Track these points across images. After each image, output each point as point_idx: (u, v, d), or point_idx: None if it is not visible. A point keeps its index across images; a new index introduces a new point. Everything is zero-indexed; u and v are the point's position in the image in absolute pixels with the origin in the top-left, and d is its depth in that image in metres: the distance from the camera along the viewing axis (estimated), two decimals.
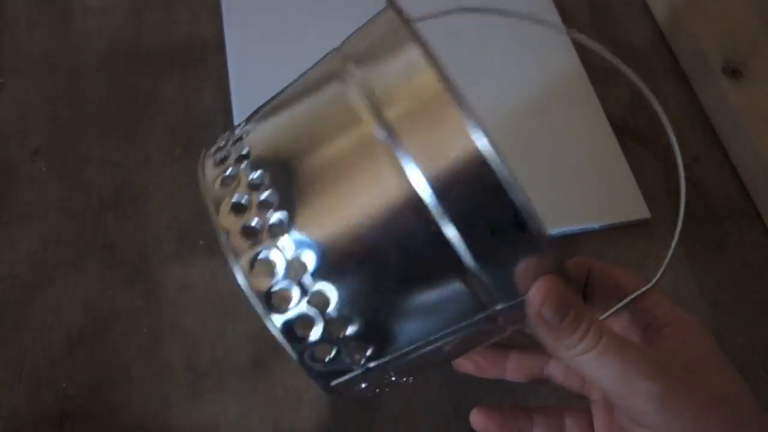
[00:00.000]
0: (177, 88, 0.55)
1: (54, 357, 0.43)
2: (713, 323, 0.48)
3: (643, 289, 0.29)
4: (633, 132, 0.56)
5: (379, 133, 0.25)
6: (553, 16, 0.61)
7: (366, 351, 0.27)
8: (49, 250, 0.47)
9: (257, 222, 0.26)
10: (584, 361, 0.26)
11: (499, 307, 0.26)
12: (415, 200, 0.24)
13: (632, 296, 0.29)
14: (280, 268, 0.25)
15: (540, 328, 0.27)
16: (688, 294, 0.49)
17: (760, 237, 0.52)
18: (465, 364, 0.35)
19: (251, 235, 0.26)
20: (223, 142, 0.30)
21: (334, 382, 0.27)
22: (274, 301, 0.26)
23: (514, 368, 0.35)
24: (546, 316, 0.26)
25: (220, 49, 0.57)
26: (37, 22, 0.58)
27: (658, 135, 0.56)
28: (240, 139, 0.29)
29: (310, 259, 0.25)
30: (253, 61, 0.56)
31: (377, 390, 0.30)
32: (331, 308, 0.25)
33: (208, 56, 0.57)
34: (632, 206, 0.51)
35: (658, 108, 0.29)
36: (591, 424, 0.33)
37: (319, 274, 0.25)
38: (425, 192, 0.24)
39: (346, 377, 0.27)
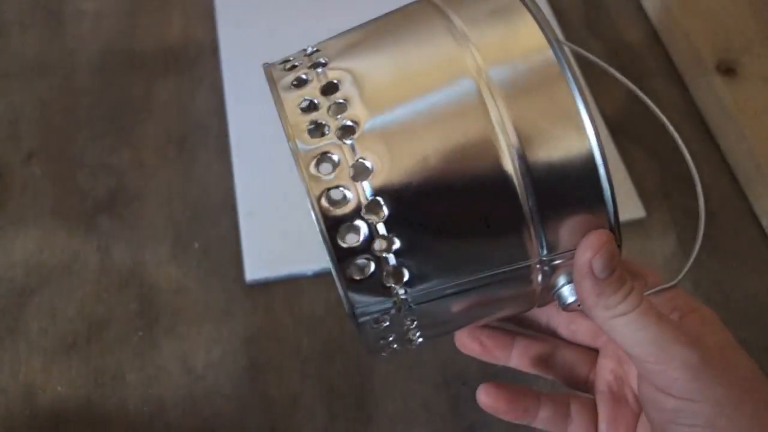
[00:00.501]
0: (171, 90, 0.55)
1: (49, 361, 0.43)
2: None
3: (674, 282, 0.30)
4: (628, 131, 0.56)
5: (482, 87, 0.25)
6: (548, 16, 0.61)
7: (402, 278, 0.26)
8: (43, 254, 0.47)
9: (329, 120, 0.26)
10: (621, 323, 0.27)
11: (543, 257, 0.27)
12: (497, 154, 0.25)
13: (664, 287, 0.30)
14: (344, 167, 0.25)
15: (585, 282, 0.26)
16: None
17: (755, 234, 0.52)
18: (471, 345, 0.34)
19: (321, 130, 0.26)
20: (294, 64, 0.29)
21: (361, 310, 0.27)
22: (331, 199, 0.25)
23: (520, 354, 0.34)
24: (596, 268, 0.26)
25: (214, 51, 0.57)
26: (30, 26, 0.58)
27: (653, 134, 0.56)
28: (321, 64, 0.28)
29: (375, 164, 0.25)
30: (247, 64, 0.56)
31: (391, 339, 0.29)
32: (382, 224, 0.25)
33: (202, 59, 0.57)
34: (627, 205, 0.51)
35: (664, 120, 0.29)
36: (595, 413, 0.33)
37: (379, 185, 0.25)
38: (512, 152, 0.25)
39: (376, 308, 0.27)
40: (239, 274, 0.46)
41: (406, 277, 0.26)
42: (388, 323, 0.28)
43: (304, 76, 0.27)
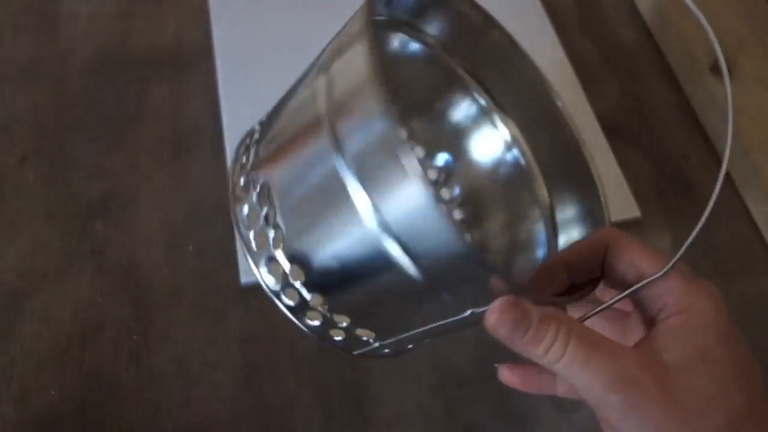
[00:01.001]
0: (165, 93, 0.55)
1: (43, 364, 0.43)
2: None
3: (660, 273, 0.29)
4: (622, 131, 0.56)
5: (350, 182, 0.27)
6: (542, 18, 0.61)
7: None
8: (37, 258, 0.47)
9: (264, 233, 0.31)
10: (555, 368, 0.27)
11: (468, 312, 0.28)
12: (375, 231, 0.27)
13: (623, 295, 0.29)
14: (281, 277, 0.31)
15: (505, 343, 0.27)
16: None
17: (750, 235, 0.52)
18: (511, 379, 0.35)
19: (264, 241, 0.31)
20: (244, 159, 0.34)
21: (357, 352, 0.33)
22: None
23: (569, 388, 0.34)
24: (502, 336, 0.27)
25: (208, 54, 0.57)
26: (23, 29, 0.58)
27: (647, 134, 0.56)
28: (255, 166, 0.32)
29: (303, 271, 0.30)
30: (241, 66, 0.56)
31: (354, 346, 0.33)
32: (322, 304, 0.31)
33: (196, 61, 0.57)
34: (622, 205, 0.51)
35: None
36: None
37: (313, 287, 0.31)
38: (395, 240, 0.27)
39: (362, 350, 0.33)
40: (234, 277, 0.46)
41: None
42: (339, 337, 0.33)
43: (244, 180, 0.33)
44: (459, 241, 0.25)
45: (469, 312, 0.28)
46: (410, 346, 0.34)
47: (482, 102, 0.40)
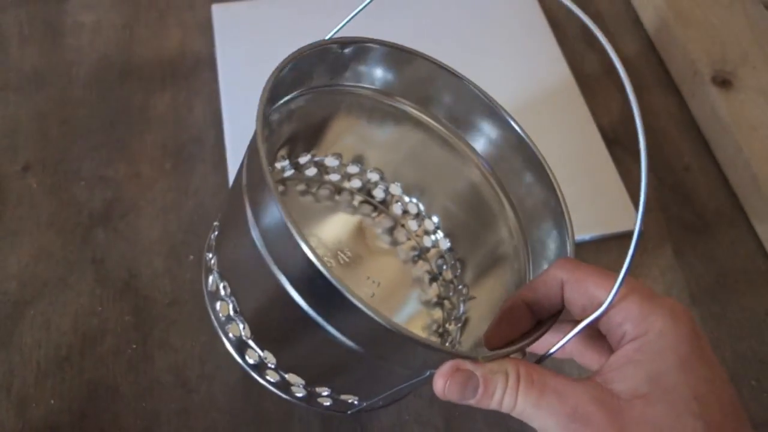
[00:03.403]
0: (168, 102, 0.55)
1: (42, 373, 0.43)
2: (704, 332, 0.47)
3: (588, 321, 0.28)
4: (623, 142, 0.56)
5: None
6: (545, 30, 0.61)
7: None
8: (39, 266, 0.47)
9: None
10: (514, 415, 0.28)
11: (428, 373, 0.30)
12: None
13: (571, 336, 0.28)
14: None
15: (459, 403, 0.29)
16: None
17: (752, 246, 0.51)
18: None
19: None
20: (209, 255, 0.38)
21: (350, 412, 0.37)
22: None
23: None
24: (454, 400, 0.28)
25: (211, 63, 0.57)
26: (28, 38, 0.58)
27: (649, 145, 0.56)
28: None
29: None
30: (243, 76, 0.56)
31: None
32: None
33: (199, 71, 0.57)
34: (623, 217, 0.51)
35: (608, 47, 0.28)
36: None
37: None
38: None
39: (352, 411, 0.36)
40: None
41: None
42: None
43: (212, 280, 0.37)
44: (381, 323, 0.26)
45: (428, 373, 0.30)
46: (405, 392, 0.37)
47: (444, 134, 0.41)
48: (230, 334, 0.35)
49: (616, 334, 0.29)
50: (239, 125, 0.53)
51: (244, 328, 0.34)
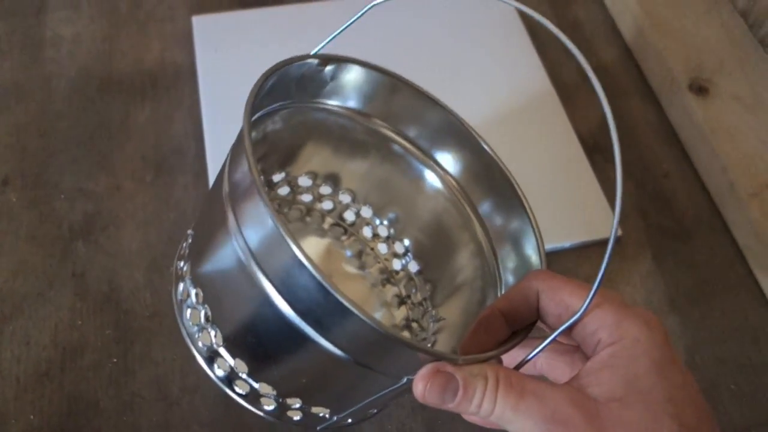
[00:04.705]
0: (148, 115, 0.55)
1: (22, 389, 0.43)
2: (684, 337, 0.48)
3: (565, 326, 0.29)
4: (603, 150, 0.56)
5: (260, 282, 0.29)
6: (524, 38, 0.61)
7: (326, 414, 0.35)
8: (18, 281, 0.47)
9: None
10: (491, 420, 0.28)
11: (405, 380, 0.30)
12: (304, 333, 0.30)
13: (548, 341, 0.29)
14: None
15: (438, 407, 0.29)
16: (658, 308, 0.49)
17: (730, 252, 0.52)
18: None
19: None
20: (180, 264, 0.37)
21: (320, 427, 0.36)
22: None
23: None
24: (433, 404, 0.28)
25: (191, 75, 0.57)
26: (7, 51, 0.58)
27: (627, 152, 0.56)
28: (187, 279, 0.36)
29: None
30: (224, 88, 0.56)
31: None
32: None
33: (179, 83, 0.57)
34: (603, 224, 0.51)
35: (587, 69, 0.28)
36: None
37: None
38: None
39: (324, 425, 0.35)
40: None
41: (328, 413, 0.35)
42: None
43: (182, 288, 0.36)
44: (372, 326, 0.26)
45: (405, 380, 0.30)
46: (373, 411, 0.37)
47: (418, 156, 0.42)
48: (199, 343, 0.34)
49: (591, 341, 0.29)
50: (220, 136, 0.53)
51: (215, 335, 0.33)
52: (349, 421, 0.36)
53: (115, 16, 0.61)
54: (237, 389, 0.34)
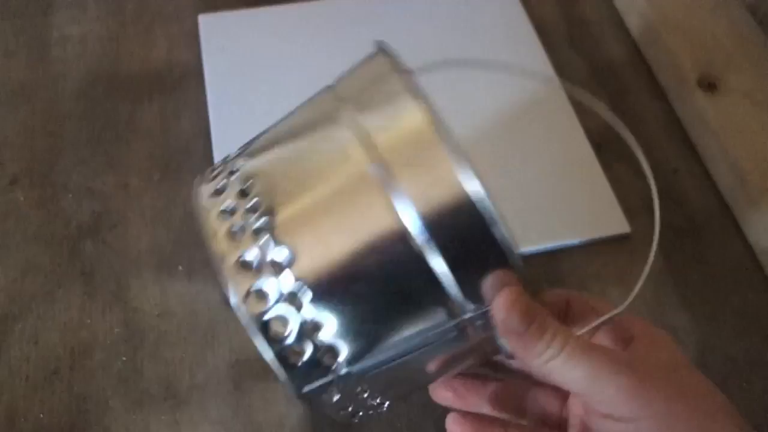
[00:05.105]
0: (155, 113, 0.55)
1: (31, 387, 0.43)
2: (694, 335, 0.48)
3: (619, 309, 0.30)
4: (612, 147, 0.56)
5: (374, 171, 0.27)
6: (531, 35, 0.61)
7: (339, 355, 0.28)
8: (27, 280, 0.47)
9: (246, 223, 0.28)
10: (553, 366, 0.28)
11: (467, 315, 0.28)
12: (402, 230, 0.27)
13: (608, 315, 0.30)
14: (262, 268, 0.27)
15: (509, 338, 0.28)
16: (669, 306, 0.49)
17: (740, 248, 0.52)
18: (444, 394, 0.35)
19: (240, 233, 0.28)
20: (216, 173, 0.31)
21: (306, 388, 0.28)
22: (252, 299, 0.27)
23: (493, 399, 0.35)
24: (512, 325, 0.27)
25: (198, 74, 0.57)
26: (14, 51, 0.58)
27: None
28: (235, 171, 0.30)
29: (292, 256, 0.27)
30: (231, 87, 0.56)
31: (352, 408, 0.31)
32: (307, 310, 0.27)
33: (186, 82, 0.57)
34: (612, 221, 0.51)
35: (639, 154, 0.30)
36: None
37: (297, 274, 0.27)
38: (414, 225, 0.26)
39: (317, 383, 0.28)
40: (223, 297, 0.46)
41: (341, 353, 0.28)
42: (339, 395, 0.29)
43: (222, 185, 0.30)
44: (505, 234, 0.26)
45: (467, 315, 0.28)
46: (366, 395, 0.30)
47: None
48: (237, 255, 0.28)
49: (622, 334, 0.31)
50: (227, 135, 0.53)
51: (284, 264, 0.27)
52: (336, 398, 0.30)
53: (122, 16, 0.61)
54: (293, 348, 0.27)
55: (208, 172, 0.32)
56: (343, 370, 0.28)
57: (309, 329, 0.27)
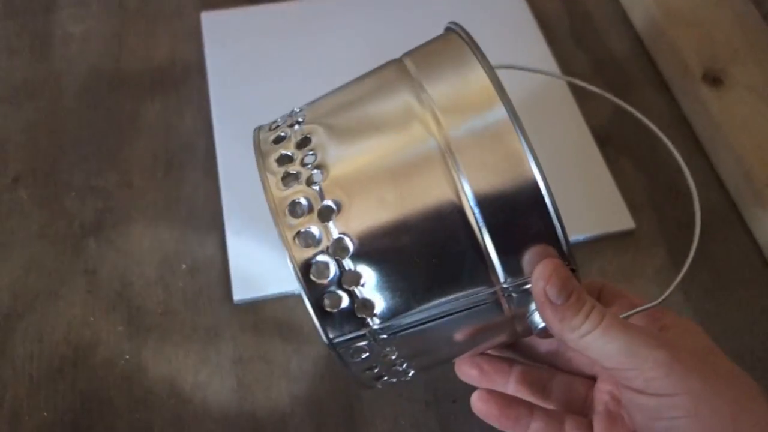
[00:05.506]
0: (158, 111, 0.55)
1: (35, 385, 0.43)
2: None
3: (658, 301, 0.31)
4: (616, 143, 0.55)
5: (436, 136, 0.28)
6: (533, 29, 0.61)
7: (374, 310, 0.28)
8: (30, 278, 0.47)
9: (301, 169, 0.30)
10: (589, 340, 0.28)
11: (505, 285, 0.28)
12: (454, 196, 0.28)
13: (645, 307, 0.31)
14: (313, 214, 0.28)
15: (545, 310, 0.28)
16: (674, 302, 0.48)
17: (745, 243, 0.51)
18: (469, 371, 0.35)
19: (294, 179, 0.30)
20: (277, 124, 0.33)
21: (338, 339, 0.29)
22: (303, 240, 0.28)
23: (517, 380, 0.35)
24: (550, 295, 0.27)
25: (200, 71, 0.57)
26: (17, 49, 0.58)
27: (641, 146, 0.56)
28: (296, 123, 0.32)
29: (341, 206, 0.28)
30: (233, 84, 0.56)
31: (378, 370, 0.31)
32: (349, 261, 0.28)
33: (189, 79, 0.57)
34: (617, 217, 0.51)
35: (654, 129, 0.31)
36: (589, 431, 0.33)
37: (344, 225, 0.28)
38: (468, 192, 0.28)
39: (349, 335, 0.29)
40: (227, 294, 0.46)
41: (376, 308, 0.28)
42: (368, 353, 0.30)
43: (283, 134, 0.31)
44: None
45: (499, 286, 0.28)
46: (393, 357, 0.31)
47: None
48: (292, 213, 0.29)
49: (653, 324, 0.31)
50: (230, 132, 0.53)
51: (334, 213, 0.28)
52: (364, 356, 0.30)
53: (124, 13, 0.61)
54: (335, 292, 0.28)
55: (269, 123, 0.34)
56: (376, 326, 0.29)
57: (349, 280, 0.28)
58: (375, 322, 0.29)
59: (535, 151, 0.28)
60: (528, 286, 0.28)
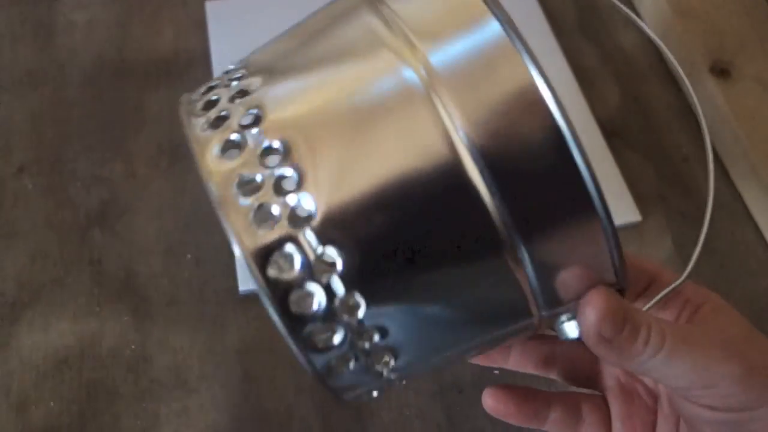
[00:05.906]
0: (163, 101, 0.55)
1: (41, 375, 0.43)
2: None
3: (680, 279, 0.27)
4: (622, 135, 0.55)
5: (414, 74, 0.21)
6: (541, 21, 0.60)
7: (391, 361, 0.23)
8: (35, 268, 0.47)
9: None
10: (654, 364, 0.25)
11: (544, 313, 0.23)
12: (456, 158, 0.21)
13: (672, 287, 0.27)
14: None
15: (599, 347, 0.25)
16: None
17: (751, 235, 0.51)
18: None
19: (254, 190, 0.22)
20: (216, 96, 0.25)
21: (348, 396, 0.24)
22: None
23: (519, 354, 0.33)
24: (605, 333, 0.24)
25: (205, 61, 0.57)
26: (21, 38, 0.58)
27: (647, 138, 0.55)
28: (245, 93, 0.23)
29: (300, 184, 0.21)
30: None
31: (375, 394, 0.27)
32: (362, 314, 0.22)
33: (193, 69, 0.57)
34: (623, 209, 0.51)
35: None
36: (608, 412, 0.31)
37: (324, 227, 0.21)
38: (471, 151, 0.21)
39: (361, 390, 0.24)
40: (232, 285, 0.46)
41: (395, 362, 0.23)
42: (376, 392, 0.26)
43: (215, 97, 0.24)
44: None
45: (544, 313, 0.23)
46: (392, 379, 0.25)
47: None
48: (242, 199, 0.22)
49: (677, 299, 0.29)
50: None
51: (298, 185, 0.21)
52: (374, 395, 0.26)
53: (128, 2, 0.61)
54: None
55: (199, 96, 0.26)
56: (393, 376, 0.24)
57: (346, 314, 0.22)
58: (391, 374, 0.23)
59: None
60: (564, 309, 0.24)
